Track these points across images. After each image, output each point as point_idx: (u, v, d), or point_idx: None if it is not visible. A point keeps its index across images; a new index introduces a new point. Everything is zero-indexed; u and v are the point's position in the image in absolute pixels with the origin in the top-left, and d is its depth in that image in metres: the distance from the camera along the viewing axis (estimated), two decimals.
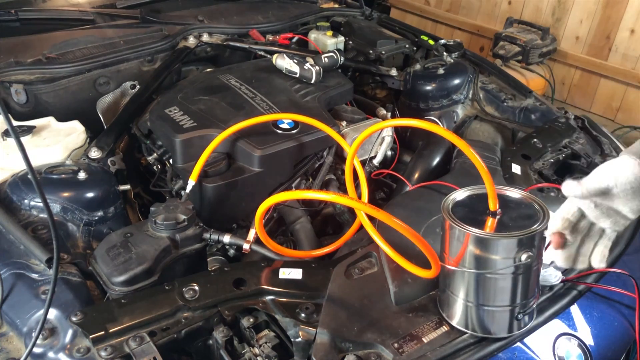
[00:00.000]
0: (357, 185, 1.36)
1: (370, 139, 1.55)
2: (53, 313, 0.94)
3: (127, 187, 1.34)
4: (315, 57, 1.68)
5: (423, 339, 0.92)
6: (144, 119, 1.52)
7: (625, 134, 3.10)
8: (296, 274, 1.03)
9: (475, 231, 0.82)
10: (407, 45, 2.01)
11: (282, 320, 0.95)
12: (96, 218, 1.20)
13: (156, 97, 1.59)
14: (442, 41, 1.97)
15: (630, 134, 3.10)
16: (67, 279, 1.01)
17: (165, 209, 1.10)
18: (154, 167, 1.49)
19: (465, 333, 0.93)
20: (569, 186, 0.87)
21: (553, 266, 1.05)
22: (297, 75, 1.60)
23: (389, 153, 1.63)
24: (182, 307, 0.94)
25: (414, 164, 1.62)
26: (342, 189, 1.51)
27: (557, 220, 0.92)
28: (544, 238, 0.87)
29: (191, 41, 1.82)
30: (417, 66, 1.84)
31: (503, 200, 0.89)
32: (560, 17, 3.44)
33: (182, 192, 1.31)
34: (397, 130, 1.69)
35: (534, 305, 0.92)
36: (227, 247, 1.26)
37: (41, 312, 0.92)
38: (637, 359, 1.12)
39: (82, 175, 1.21)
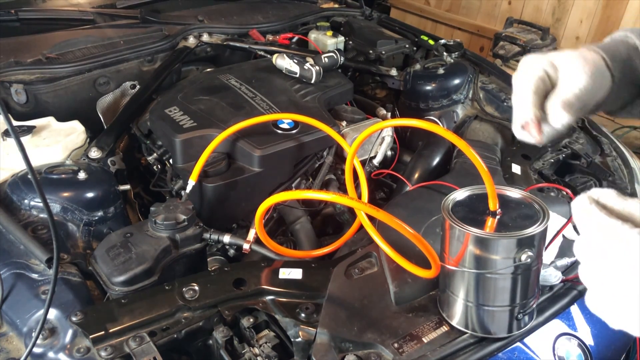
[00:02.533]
0: (357, 185, 1.36)
1: (370, 139, 1.55)
2: (53, 313, 0.94)
3: (127, 187, 1.34)
4: (315, 57, 1.68)
5: (423, 339, 0.92)
6: (144, 119, 1.52)
7: (625, 134, 3.10)
8: (296, 274, 1.03)
9: (475, 231, 0.82)
10: (407, 45, 2.01)
11: (282, 320, 0.95)
12: (96, 218, 1.20)
13: (156, 97, 1.59)
14: (442, 41, 1.97)
15: (630, 134, 3.11)
16: (67, 279, 1.01)
17: (165, 209, 1.10)
18: (154, 167, 1.49)
19: (465, 333, 0.93)
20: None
21: (553, 266, 1.05)
22: (297, 75, 1.60)
23: (389, 153, 1.63)
24: (182, 307, 0.94)
25: (414, 164, 1.62)
26: (342, 189, 1.51)
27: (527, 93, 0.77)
28: (544, 238, 0.87)
29: (191, 41, 1.82)
30: (417, 66, 1.84)
31: (503, 200, 0.89)
32: (560, 17, 3.44)
33: (182, 192, 1.31)
34: (397, 130, 1.69)
35: (534, 305, 0.92)
36: (227, 247, 1.26)
37: (41, 312, 0.92)
38: (637, 359, 1.12)
39: (82, 175, 1.21)
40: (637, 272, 0.53)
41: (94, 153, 1.34)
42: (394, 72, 1.87)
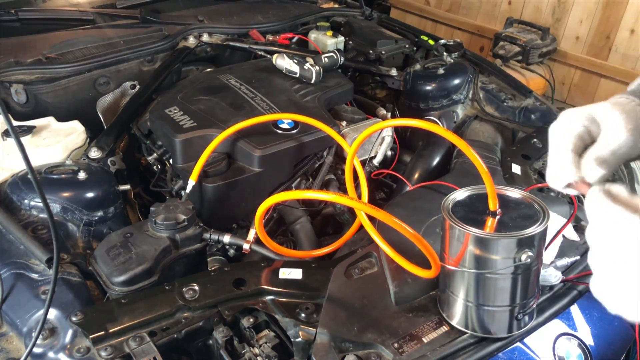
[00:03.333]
0: (357, 185, 1.36)
1: (370, 139, 1.55)
2: (53, 313, 0.94)
3: (127, 187, 1.34)
4: (315, 57, 1.68)
5: (423, 339, 0.92)
6: (144, 119, 1.52)
7: None
8: (296, 274, 1.03)
9: (475, 231, 0.82)
10: (407, 45, 2.01)
11: (282, 320, 0.95)
12: (96, 218, 1.20)
13: (156, 97, 1.59)
14: (442, 41, 1.97)
15: None
16: (67, 279, 1.01)
17: (165, 209, 1.10)
18: (154, 167, 1.49)
19: (465, 333, 0.93)
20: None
21: (553, 266, 1.05)
22: (297, 75, 1.60)
23: (389, 153, 1.63)
24: (182, 307, 0.94)
25: (414, 164, 1.62)
26: (342, 189, 1.51)
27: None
28: (544, 238, 0.87)
29: (191, 41, 1.82)
30: (417, 66, 1.84)
31: (503, 200, 0.89)
32: (560, 17, 3.44)
33: (182, 192, 1.31)
34: (397, 130, 1.69)
35: (534, 305, 0.92)
36: (227, 247, 1.26)
37: (41, 312, 0.92)
38: (637, 359, 1.12)
39: (82, 175, 1.21)
40: (637, 257, 0.55)
41: (94, 153, 1.34)
42: (394, 72, 1.87)
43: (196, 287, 0.98)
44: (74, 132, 1.38)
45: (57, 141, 1.34)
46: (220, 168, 1.29)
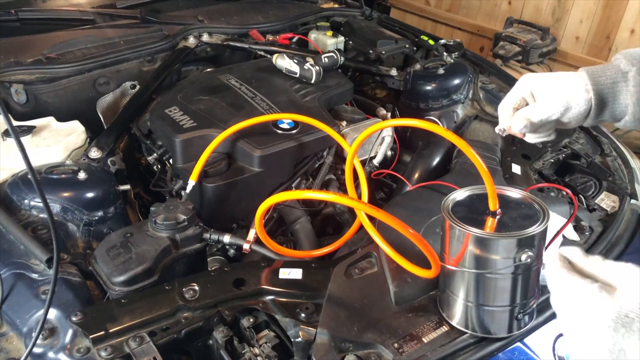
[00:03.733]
0: (357, 185, 1.36)
1: (370, 139, 1.55)
2: (53, 313, 0.94)
3: (127, 187, 1.34)
4: (315, 57, 1.68)
5: (423, 339, 0.92)
6: (144, 119, 1.52)
7: (625, 134, 3.10)
8: (296, 274, 1.03)
9: (475, 231, 0.82)
10: (407, 45, 2.01)
11: (282, 320, 0.95)
12: (96, 218, 1.20)
13: (156, 97, 1.59)
14: (442, 41, 1.97)
15: (630, 134, 3.10)
16: (67, 279, 1.01)
17: (165, 209, 1.10)
18: (154, 167, 1.49)
19: (465, 333, 0.93)
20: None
21: None
22: (297, 75, 1.60)
23: (389, 153, 1.63)
24: (182, 307, 0.94)
25: (414, 164, 1.62)
26: (342, 189, 1.51)
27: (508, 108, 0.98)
28: (544, 238, 0.87)
29: (191, 41, 1.82)
30: (417, 66, 1.84)
31: (503, 200, 0.89)
32: (560, 17, 3.43)
33: (182, 192, 1.31)
34: (397, 130, 1.69)
35: (534, 305, 0.92)
36: (227, 247, 1.26)
37: (41, 312, 0.92)
38: None
39: (82, 175, 1.21)
40: (596, 321, 0.60)
41: (94, 153, 1.34)
42: (394, 72, 1.87)
43: (196, 287, 0.98)
44: (74, 132, 1.38)
45: (57, 141, 1.34)
46: (220, 168, 1.29)
